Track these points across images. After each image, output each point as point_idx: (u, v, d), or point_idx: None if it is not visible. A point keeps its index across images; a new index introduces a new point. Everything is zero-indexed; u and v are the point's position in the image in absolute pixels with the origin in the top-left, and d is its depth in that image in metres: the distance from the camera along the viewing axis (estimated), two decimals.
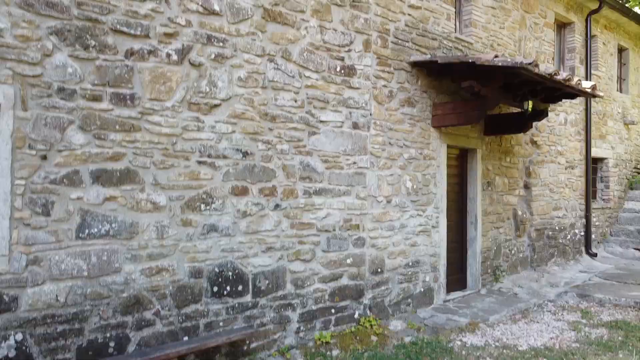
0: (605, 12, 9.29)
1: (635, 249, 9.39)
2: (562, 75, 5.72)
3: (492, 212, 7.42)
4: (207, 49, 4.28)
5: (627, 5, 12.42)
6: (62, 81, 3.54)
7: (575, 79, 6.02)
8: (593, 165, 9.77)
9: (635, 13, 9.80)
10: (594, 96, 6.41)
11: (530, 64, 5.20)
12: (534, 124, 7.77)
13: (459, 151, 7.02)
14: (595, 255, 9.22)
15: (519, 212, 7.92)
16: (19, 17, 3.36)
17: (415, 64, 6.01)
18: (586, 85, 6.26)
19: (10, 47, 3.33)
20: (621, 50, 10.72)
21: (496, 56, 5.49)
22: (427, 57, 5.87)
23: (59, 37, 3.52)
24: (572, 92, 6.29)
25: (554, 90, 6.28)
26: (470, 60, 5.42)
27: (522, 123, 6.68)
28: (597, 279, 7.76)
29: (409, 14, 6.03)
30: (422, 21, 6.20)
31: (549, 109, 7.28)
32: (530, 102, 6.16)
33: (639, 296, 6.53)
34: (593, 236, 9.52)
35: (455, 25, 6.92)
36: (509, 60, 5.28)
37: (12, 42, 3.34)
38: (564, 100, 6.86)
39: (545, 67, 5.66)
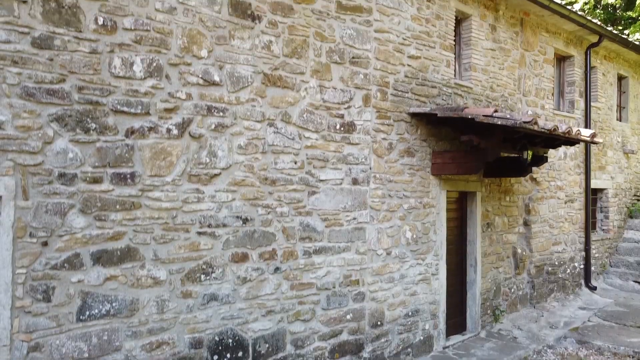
0: (605, 43, 9.30)
1: (634, 281, 9.40)
2: (562, 128, 5.74)
3: (492, 252, 7.44)
4: (207, 119, 4.30)
5: (628, 31, 12.41)
6: (63, 167, 3.56)
7: (575, 130, 6.04)
8: (592, 196, 9.78)
9: (635, 44, 9.81)
10: (594, 143, 6.43)
11: (529, 122, 5.22)
12: None
13: (458, 194, 7.04)
14: (594, 288, 9.23)
15: (519, 250, 7.94)
16: (20, 108, 3.38)
17: (414, 114, 6.03)
18: (585, 133, 6.28)
19: (11, 139, 3.34)
20: (621, 78, 10.74)
21: (496, 110, 5.51)
22: (427, 109, 5.88)
23: (60, 124, 3.54)
24: (572, 140, 6.31)
25: (553, 140, 6.30)
26: (469, 117, 5.44)
27: (522, 168, 6.68)
28: (596, 318, 7.77)
29: (409, 65, 6.05)
30: (422, 70, 6.21)
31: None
32: (530, 152, 6.17)
33: (637, 343, 6.54)
34: (592, 268, 9.54)
35: (455, 69, 6.94)
36: (508, 117, 5.30)
37: (13, 133, 3.35)
38: (564, 145, 6.87)
39: (545, 122, 5.67)
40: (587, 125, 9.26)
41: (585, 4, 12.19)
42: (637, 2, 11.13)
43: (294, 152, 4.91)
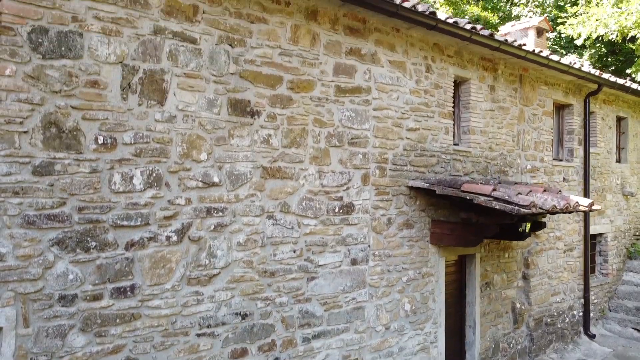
0: (604, 89, 9.32)
1: (633, 328, 9.42)
2: (560, 205, 5.77)
3: (491, 311, 7.46)
4: (206, 221, 4.33)
5: (630, 70, 12.43)
6: (63, 289, 3.59)
7: (573, 203, 6.07)
8: (592, 241, 9.79)
9: (634, 88, 9.82)
10: (592, 211, 6.45)
11: (526, 206, 5.25)
12: None
13: (457, 257, 7.06)
14: (593, 336, 9.25)
15: (517, 305, 7.96)
16: (21, 237, 3.41)
17: (413, 187, 6.05)
18: (584, 203, 6.31)
19: (12, 269, 3.38)
20: (620, 119, 10.75)
21: (494, 189, 5.55)
22: (425, 184, 5.90)
23: (60, 247, 3.57)
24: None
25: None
26: (467, 198, 5.47)
27: (521, 233, 6.70)
28: None
29: (407, 138, 6.07)
30: (420, 141, 6.24)
31: None
32: (529, 223, 6.20)
33: None
34: (592, 314, 9.55)
35: (454, 132, 6.96)
36: (505, 199, 5.33)
37: (14, 263, 3.38)
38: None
39: (544, 200, 5.70)
40: (585, 172, 9.27)
41: (587, 39, 12.19)
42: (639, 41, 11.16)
43: (293, 241, 4.94)
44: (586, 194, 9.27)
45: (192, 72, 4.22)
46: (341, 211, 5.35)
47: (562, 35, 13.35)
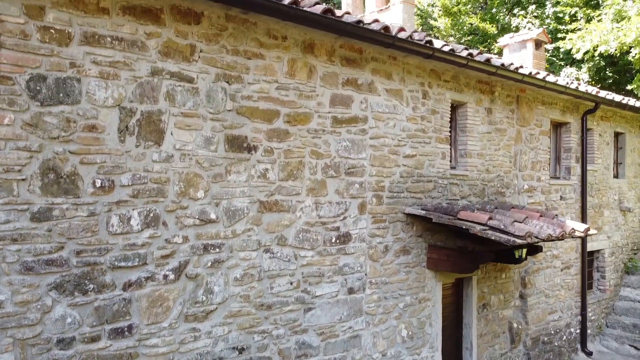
0: (601, 106, 9.36)
1: (630, 345, 9.45)
2: (556, 233, 5.80)
3: (488, 332, 7.50)
4: (203, 258, 4.36)
5: (632, 86, 12.45)
6: (62, 332, 3.63)
7: (569, 229, 6.10)
8: (589, 257, 9.83)
9: (632, 105, 9.85)
10: (588, 236, 6.49)
11: (522, 237, 5.29)
12: None
13: (454, 280, 7.09)
14: (590, 353, 9.28)
15: (514, 325, 7.99)
16: (19, 284, 3.45)
17: (410, 214, 6.09)
18: (580, 228, 6.34)
19: (10, 316, 3.42)
20: (617, 134, 10.78)
21: (490, 218, 5.59)
22: (422, 212, 5.94)
23: (58, 291, 3.61)
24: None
25: None
26: (463, 227, 5.51)
27: (517, 258, 6.73)
28: None
29: (404, 165, 6.11)
30: (417, 167, 6.27)
31: None
32: (524, 250, 6.24)
33: None
34: (589, 331, 9.59)
35: (450, 155, 6.99)
36: (501, 228, 5.37)
37: (12, 310, 3.42)
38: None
39: (539, 229, 5.74)
40: (583, 189, 9.31)
41: (586, 52, 12.20)
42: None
43: (290, 274, 4.98)
44: (583, 211, 9.31)
45: (189, 111, 4.26)
46: (338, 241, 5.38)
47: (561, 48, 13.35)
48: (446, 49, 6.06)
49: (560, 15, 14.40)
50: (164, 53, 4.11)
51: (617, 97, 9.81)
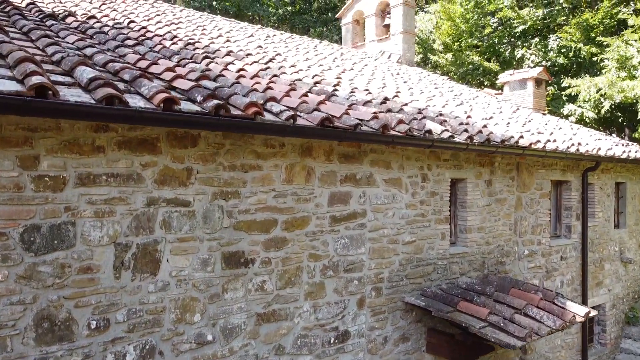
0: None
1: None
2: (556, 325, 5.76)
3: None
4: None
5: (637, 134, 12.42)
6: None
7: (569, 316, 6.05)
8: None
9: (633, 159, 9.80)
10: (589, 318, 6.45)
11: (522, 338, 5.26)
12: None
13: None
14: None
15: None
16: None
17: (409, 303, 6.05)
18: (580, 313, 6.29)
19: None
20: (618, 184, 10.74)
21: (490, 312, 5.55)
22: (422, 303, 5.90)
23: None
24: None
25: None
26: (463, 324, 5.47)
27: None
28: None
29: (403, 252, 6.07)
30: (417, 252, 6.23)
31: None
32: None
33: None
34: None
35: (451, 230, 6.95)
36: (500, 327, 5.33)
37: None
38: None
39: (540, 321, 5.71)
40: (583, 247, 9.26)
41: (586, 101, 12.19)
42: None
43: None
44: (584, 270, 9.26)
45: (186, 236, 4.23)
46: (336, 341, 5.34)
47: (564, 89, 13.31)
48: (445, 135, 6.02)
49: (564, 50, 14.35)
50: (160, 182, 4.08)
51: (619, 151, 9.78)
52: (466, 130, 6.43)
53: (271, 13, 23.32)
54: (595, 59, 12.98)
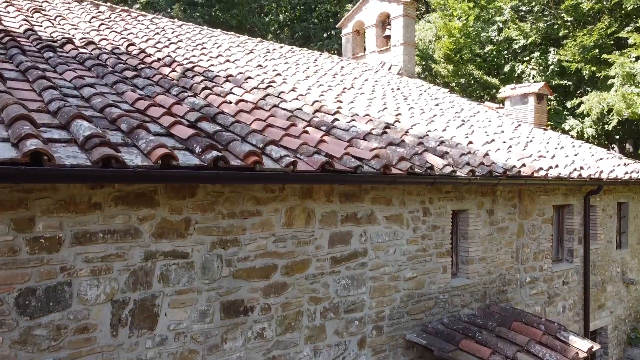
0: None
1: None
2: None
3: None
4: None
5: None
6: None
7: (572, 353, 5.99)
8: (592, 335, 9.72)
9: (636, 179, 9.74)
10: (591, 353, 6.39)
11: None
12: None
13: None
14: None
15: None
16: None
17: (410, 340, 5.98)
18: (583, 348, 6.23)
19: None
20: (620, 204, 10.67)
21: (492, 352, 5.48)
22: (423, 341, 5.83)
23: None
24: None
25: None
26: None
27: None
28: None
29: (405, 288, 6.00)
30: (418, 288, 6.17)
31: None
32: None
33: None
34: None
35: (452, 261, 6.88)
36: None
37: None
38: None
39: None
40: (585, 270, 9.20)
41: (586, 116, 12.12)
42: None
43: None
44: (586, 294, 9.20)
45: (184, 288, 4.16)
46: None
47: (568, 106, 13.24)
48: (447, 170, 5.95)
49: (565, 66, 14.27)
50: (158, 235, 4.01)
51: (621, 172, 9.72)
52: (468, 163, 6.35)
53: (272, 22, 23.26)
54: (598, 75, 12.90)
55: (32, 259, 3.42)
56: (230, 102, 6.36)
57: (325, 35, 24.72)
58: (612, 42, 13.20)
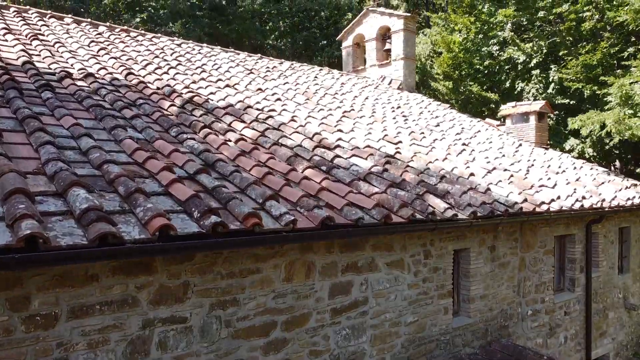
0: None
1: None
2: None
3: None
4: None
5: None
6: None
7: None
8: None
9: (638, 205, 9.68)
10: None
11: None
12: None
13: None
14: None
15: None
16: None
17: None
18: None
19: None
20: (622, 229, 10.61)
21: None
22: None
23: None
24: None
25: None
26: None
27: None
28: None
29: (406, 333, 5.94)
30: (419, 331, 6.11)
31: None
32: None
33: None
34: None
35: (454, 300, 6.82)
36: None
37: None
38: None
39: None
40: (587, 299, 9.14)
41: (587, 137, 12.06)
42: None
43: None
44: (588, 324, 9.14)
45: (182, 354, 4.10)
46: None
47: (568, 126, 13.16)
48: (449, 214, 5.88)
49: (567, 92, 14.18)
50: (156, 301, 3.95)
51: (623, 197, 9.66)
52: (470, 204, 6.29)
53: (271, 30, 23.15)
54: (598, 93, 12.83)
55: (27, 338, 3.36)
56: (230, 141, 6.33)
57: (324, 42, 24.64)
58: (614, 62, 13.13)
